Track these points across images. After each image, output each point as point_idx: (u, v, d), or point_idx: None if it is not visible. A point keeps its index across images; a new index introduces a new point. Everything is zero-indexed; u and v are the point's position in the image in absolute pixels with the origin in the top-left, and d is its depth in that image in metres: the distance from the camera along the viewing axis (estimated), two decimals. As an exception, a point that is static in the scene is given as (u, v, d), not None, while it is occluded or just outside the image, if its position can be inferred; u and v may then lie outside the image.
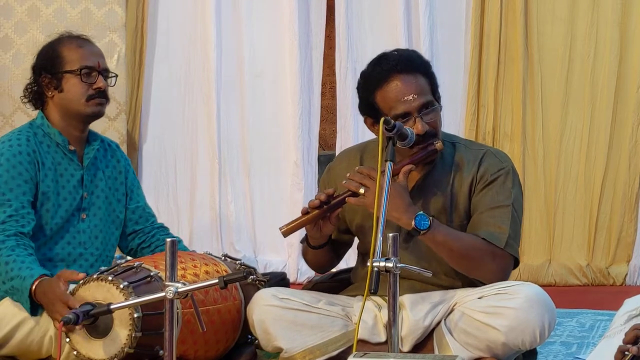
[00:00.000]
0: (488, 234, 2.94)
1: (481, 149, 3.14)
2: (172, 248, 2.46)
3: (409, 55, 3.08)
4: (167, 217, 5.53)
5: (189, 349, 2.96)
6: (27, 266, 2.96)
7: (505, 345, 2.87)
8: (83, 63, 3.24)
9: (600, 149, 5.32)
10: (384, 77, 2.98)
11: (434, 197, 3.05)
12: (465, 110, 5.38)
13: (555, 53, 5.34)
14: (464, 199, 3.05)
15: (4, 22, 5.39)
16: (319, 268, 3.32)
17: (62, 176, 3.25)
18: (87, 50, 3.29)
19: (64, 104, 3.26)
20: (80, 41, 3.32)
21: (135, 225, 3.47)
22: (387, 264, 2.51)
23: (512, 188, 3.03)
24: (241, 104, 5.64)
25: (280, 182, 5.64)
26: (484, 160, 3.06)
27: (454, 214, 3.04)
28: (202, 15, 5.58)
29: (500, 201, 3.00)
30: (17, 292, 2.96)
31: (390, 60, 3.01)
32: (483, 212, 3.00)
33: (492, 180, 3.03)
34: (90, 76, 3.25)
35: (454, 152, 3.10)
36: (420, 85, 2.97)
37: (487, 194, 3.02)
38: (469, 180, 3.05)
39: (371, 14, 5.52)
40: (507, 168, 3.05)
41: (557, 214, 5.36)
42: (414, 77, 2.98)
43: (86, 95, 3.24)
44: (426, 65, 3.07)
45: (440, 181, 3.06)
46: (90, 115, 3.28)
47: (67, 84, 3.25)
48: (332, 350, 3.00)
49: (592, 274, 5.31)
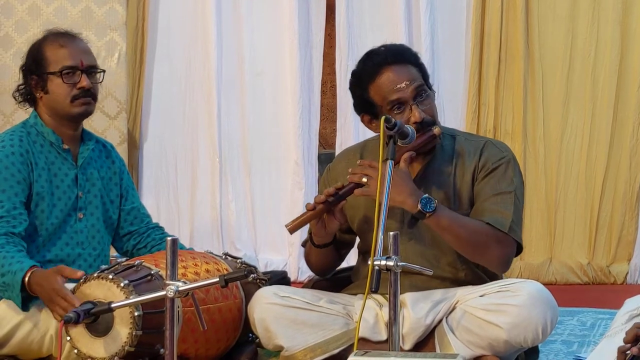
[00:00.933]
0: (492, 219, 2.95)
1: (481, 139, 3.17)
2: (173, 247, 2.45)
3: (397, 47, 3.12)
4: (168, 216, 5.53)
5: (189, 348, 2.96)
6: (17, 260, 2.94)
7: (507, 343, 2.87)
8: (64, 63, 3.19)
9: (601, 148, 5.32)
10: (375, 71, 3.00)
11: (436, 187, 3.05)
12: (466, 109, 5.38)
13: (556, 52, 5.34)
14: (467, 188, 3.05)
15: (4, 20, 5.39)
16: (321, 269, 3.31)
17: (56, 176, 3.23)
18: (69, 50, 3.21)
19: (51, 105, 3.23)
20: (63, 40, 3.25)
21: (130, 226, 3.45)
22: (388, 262, 2.50)
23: (513, 176, 3.04)
24: (242, 102, 5.65)
25: (281, 181, 5.65)
26: (484, 150, 3.07)
27: (457, 203, 3.05)
28: (202, 14, 5.58)
29: (502, 188, 3.01)
30: (9, 287, 2.94)
31: (380, 54, 3.04)
32: (486, 200, 3.01)
33: (493, 169, 3.04)
34: (74, 76, 3.19)
35: (454, 144, 3.11)
36: (411, 73, 3.00)
37: (489, 182, 3.03)
38: (471, 169, 3.05)
39: (372, 12, 5.52)
40: (507, 157, 3.07)
41: (558, 212, 5.37)
42: (405, 66, 3.01)
43: (70, 96, 3.19)
44: (415, 56, 3.10)
45: (441, 171, 3.07)
46: (77, 116, 3.24)
47: (51, 86, 3.21)
48: (333, 349, 2.99)
49: (593, 273, 5.31)
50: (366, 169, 2.92)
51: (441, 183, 3.05)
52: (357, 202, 3.11)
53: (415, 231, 3.05)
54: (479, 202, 3.02)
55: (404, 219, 3.06)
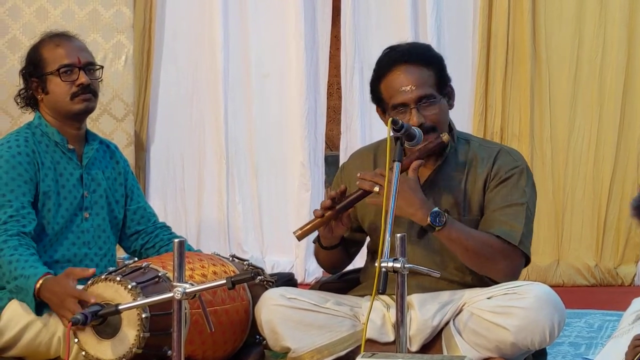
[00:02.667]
0: (502, 231, 2.94)
1: (495, 146, 3.15)
2: (180, 249, 2.46)
3: (419, 47, 3.10)
4: (175, 218, 5.53)
5: (197, 350, 2.96)
6: (30, 265, 2.95)
7: (514, 345, 2.87)
8: (61, 62, 3.22)
9: (608, 149, 5.31)
10: (389, 66, 3.01)
11: (445, 193, 3.05)
12: (472, 111, 5.38)
13: (563, 53, 5.33)
14: (478, 195, 3.04)
15: (12, 23, 5.40)
16: (330, 268, 3.32)
17: (61, 175, 3.25)
18: (65, 48, 3.26)
19: (52, 105, 3.26)
20: (58, 39, 3.29)
21: (137, 226, 3.47)
22: (395, 264, 2.50)
23: (525, 187, 3.03)
24: (248, 104, 5.65)
25: (288, 182, 5.64)
26: (498, 158, 3.06)
27: (467, 209, 3.04)
28: (209, 16, 5.58)
29: (514, 199, 3.00)
30: (22, 291, 2.96)
31: (399, 51, 3.03)
32: (496, 210, 3.00)
33: (506, 178, 3.02)
34: (71, 74, 3.23)
35: (468, 149, 3.10)
36: (422, 77, 2.97)
37: (500, 192, 3.02)
38: (484, 177, 3.05)
39: (378, 13, 5.52)
40: (521, 166, 3.05)
41: (566, 214, 5.36)
42: (418, 68, 2.98)
43: (69, 93, 3.22)
44: (435, 58, 3.06)
45: (452, 177, 3.06)
46: (78, 113, 3.26)
47: (50, 85, 3.24)
48: (340, 350, 3.00)
49: (600, 275, 5.30)
50: (376, 177, 2.91)
51: (451, 188, 3.05)
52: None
53: (424, 237, 3.04)
54: (489, 212, 3.02)
55: (412, 223, 3.05)
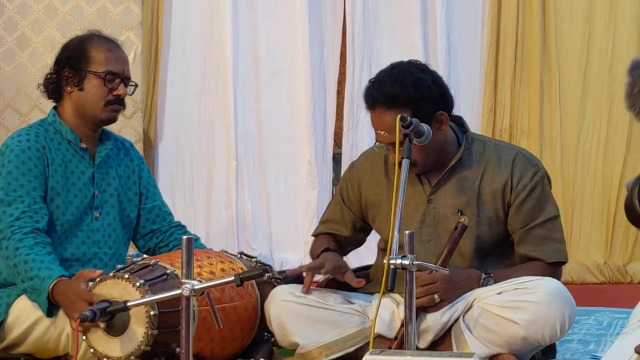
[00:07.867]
0: (549, 253, 3.01)
1: (512, 149, 3.14)
2: (188, 245, 2.45)
3: (390, 92, 2.96)
4: (184, 216, 5.53)
5: (205, 347, 2.96)
6: (46, 266, 2.95)
7: (525, 340, 2.86)
8: (109, 67, 3.22)
9: (618, 146, 5.30)
10: (369, 105, 3.02)
11: (459, 192, 3.05)
12: (482, 107, 5.37)
13: (572, 50, 5.32)
14: (494, 196, 3.04)
15: (21, 20, 5.40)
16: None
17: (72, 173, 3.23)
18: (115, 55, 3.27)
19: (80, 102, 3.24)
20: (111, 44, 3.30)
21: (152, 225, 3.46)
22: (404, 261, 2.51)
23: (549, 194, 3.08)
24: (257, 101, 5.65)
25: (296, 180, 5.64)
26: (516, 163, 3.06)
27: (481, 208, 3.04)
28: (217, 13, 5.58)
29: (549, 213, 3.05)
30: (36, 292, 2.96)
31: (377, 89, 2.99)
32: (535, 227, 3.04)
33: (531, 189, 3.04)
34: (113, 82, 3.23)
35: (484, 149, 3.10)
36: (393, 123, 2.83)
37: (532, 206, 3.04)
38: (503, 181, 3.04)
39: (387, 11, 5.51)
40: (541, 171, 3.08)
41: (575, 211, 5.34)
42: (393, 112, 2.89)
43: (105, 100, 3.22)
44: (412, 99, 2.95)
45: (465, 177, 3.06)
46: (104, 120, 3.27)
47: (88, 84, 3.23)
48: (348, 347, 3.00)
49: (609, 272, 5.29)
50: (430, 289, 2.91)
51: (465, 188, 3.05)
52: (378, 200, 3.14)
53: (435, 233, 3.05)
54: (527, 229, 3.03)
55: (424, 219, 3.05)
